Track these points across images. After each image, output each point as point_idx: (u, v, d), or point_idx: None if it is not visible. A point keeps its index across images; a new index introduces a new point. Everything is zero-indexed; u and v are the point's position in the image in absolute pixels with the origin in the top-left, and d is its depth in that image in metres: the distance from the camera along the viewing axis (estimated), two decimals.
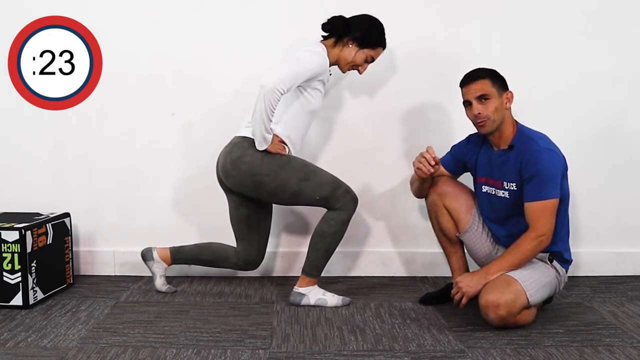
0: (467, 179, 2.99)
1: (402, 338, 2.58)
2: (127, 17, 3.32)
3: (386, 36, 2.95)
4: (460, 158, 2.92)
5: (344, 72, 3.00)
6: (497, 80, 2.70)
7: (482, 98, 2.66)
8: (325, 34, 2.94)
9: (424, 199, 2.98)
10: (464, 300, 2.62)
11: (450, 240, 2.95)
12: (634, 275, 3.40)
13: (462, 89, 2.74)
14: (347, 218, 2.88)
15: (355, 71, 3.00)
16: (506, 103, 2.70)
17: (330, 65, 2.89)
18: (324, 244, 2.89)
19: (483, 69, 2.72)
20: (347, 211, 2.87)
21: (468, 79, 2.71)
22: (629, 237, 3.42)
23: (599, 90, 3.34)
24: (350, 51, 2.90)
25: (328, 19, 2.93)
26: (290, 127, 2.88)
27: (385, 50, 2.98)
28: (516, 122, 2.75)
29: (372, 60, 2.96)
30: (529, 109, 3.16)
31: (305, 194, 2.85)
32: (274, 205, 3.11)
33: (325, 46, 2.89)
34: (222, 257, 3.08)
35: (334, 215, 2.87)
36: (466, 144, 2.91)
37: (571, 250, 2.81)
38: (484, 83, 2.67)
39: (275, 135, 2.83)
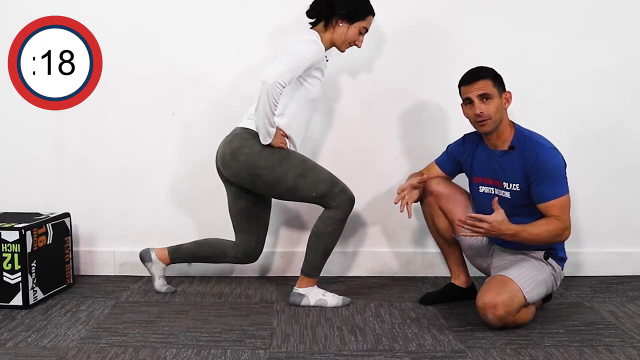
0: (461, 180, 2.97)
1: (402, 338, 2.58)
2: (127, 17, 3.32)
3: (380, 19, 2.90)
4: (456, 158, 2.91)
5: (342, 51, 2.96)
6: (498, 80, 2.70)
7: (484, 97, 2.66)
8: (313, 20, 2.92)
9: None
10: (481, 231, 2.56)
11: (447, 241, 2.96)
12: (634, 275, 3.40)
13: (461, 88, 2.74)
14: (344, 217, 2.88)
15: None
16: (505, 103, 2.71)
17: (325, 50, 2.88)
18: (322, 244, 2.89)
19: (484, 68, 2.73)
20: (343, 210, 2.87)
21: (470, 78, 2.71)
22: (629, 237, 3.42)
23: (599, 91, 3.34)
24: (342, 30, 2.88)
25: (310, 5, 2.91)
26: (292, 118, 2.87)
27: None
28: (513, 122, 2.75)
29: (366, 31, 2.93)
30: (529, 109, 3.16)
31: (301, 190, 2.85)
32: (272, 200, 3.11)
33: (318, 32, 2.88)
34: (220, 251, 3.08)
35: (331, 215, 2.87)
36: (462, 143, 2.91)
37: (572, 250, 2.82)
38: (486, 83, 2.67)
39: (278, 129, 2.83)
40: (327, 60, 2.93)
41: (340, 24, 2.87)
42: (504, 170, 2.72)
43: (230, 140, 2.88)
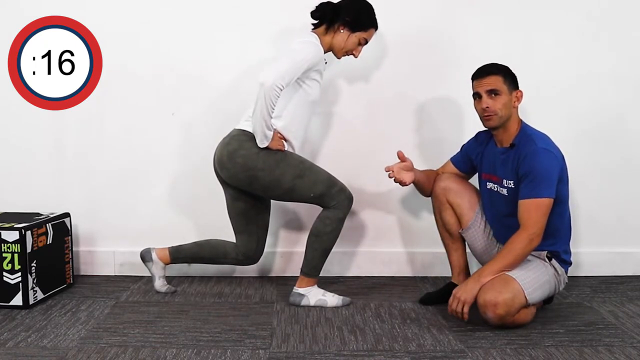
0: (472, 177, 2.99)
1: (402, 338, 2.58)
2: (127, 17, 3.32)
3: (378, 20, 2.91)
4: (469, 156, 2.95)
5: (338, 58, 2.97)
6: (509, 77, 2.72)
7: (492, 93, 2.69)
8: (315, 22, 2.92)
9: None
10: (465, 309, 2.60)
11: (452, 237, 2.96)
12: (634, 275, 3.40)
13: (473, 82, 2.76)
14: (343, 216, 2.88)
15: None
16: (514, 101, 2.72)
17: (324, 53, 2.88)
18: (321, 244, 2.89)
19: (497, 64, 2.75)
20: (342, 209, 2.87)
21: (481, 73, 2.73)
22: (629, 237, 3.42)
23: (599, 90, 3.34)
24: (343, 36, 2.88)
25: (316, 6, 2.90)
26: (291, 120, 2.87)
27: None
28: (521, 121, 2.76)
29: (366, 42, 2.94)
30: (529, 109, 3.15)
31: (299, 191, 2.85)
32: (272, 201, 3.11)
33: (317, 35, 2.88)
34: (221, 253, 3.08)
35: (329, 214, 2.87)
36: (474, 141, 2.94)
37: (572, 250, 2.82)
38: (496, 79, 2.69)
39: (275, 131, 2.83)
40: (325, 63, 2.93)
41: (342, 30, 2.87)
42: (503, 168, 2.74)
43: (227, 142, 2.88)
